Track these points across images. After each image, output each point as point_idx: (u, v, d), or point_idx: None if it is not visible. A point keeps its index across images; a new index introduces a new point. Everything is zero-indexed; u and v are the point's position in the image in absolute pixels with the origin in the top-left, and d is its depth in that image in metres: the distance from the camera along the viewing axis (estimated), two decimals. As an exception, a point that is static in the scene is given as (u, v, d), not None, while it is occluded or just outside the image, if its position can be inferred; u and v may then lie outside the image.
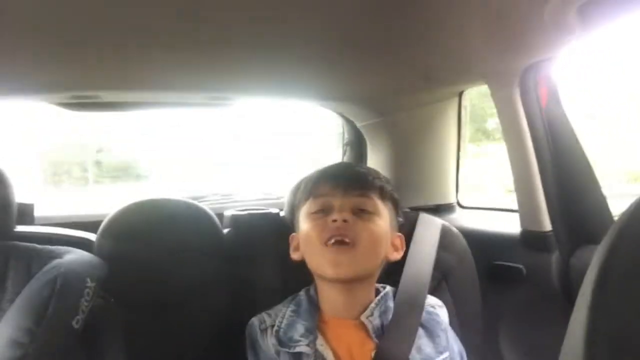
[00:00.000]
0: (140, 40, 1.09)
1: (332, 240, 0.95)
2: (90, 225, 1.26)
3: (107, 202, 1.69)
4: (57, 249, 1.00)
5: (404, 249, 1.09)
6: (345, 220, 0.95)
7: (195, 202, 1.29)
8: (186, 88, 1.49)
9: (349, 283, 0.98)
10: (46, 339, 0.85)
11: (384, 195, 1.03)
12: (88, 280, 0.92)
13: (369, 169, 1.09)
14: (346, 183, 1.00)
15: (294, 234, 1.09)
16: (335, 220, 0.96)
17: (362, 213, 0.99)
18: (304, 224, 1.02)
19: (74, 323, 0.88)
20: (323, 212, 1.00)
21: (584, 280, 0.30)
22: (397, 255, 1.06)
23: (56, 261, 0.95)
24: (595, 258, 0.30)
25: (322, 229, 0.97)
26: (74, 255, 0.98)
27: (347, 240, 0.94)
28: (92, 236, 1.21)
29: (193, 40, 1.11)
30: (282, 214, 1.32)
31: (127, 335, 0.96)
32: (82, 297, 0.90)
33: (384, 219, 1.01)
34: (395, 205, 1.08)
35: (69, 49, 1.11)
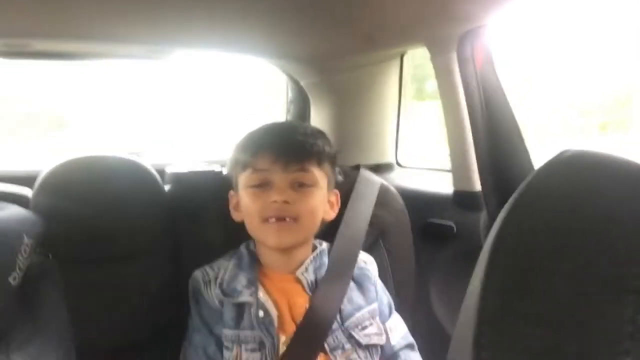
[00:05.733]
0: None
1: (273, 220, 0.99)
2: (23, 180, 1.22)
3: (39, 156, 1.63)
4: None
5: (339, 205, 1.13)
6: (285, 201, 0.98)
7: (135, 158, 1.27)
8: (123, 39, 1.43)
9: (288, 248, 1.03)
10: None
11: (322, 160, 1.05)
12: (25, 236, 0.91)
13: (308, 130, 1.08)
14: (286, 157, 1.00)
15: (232, 191, 1.10)
16: (275, 201, 0.98)
17: (301, 187, 1.01)
18: (243, 193, 1.04)
19: (10, 280, 0.87)
20: (262, 187, 1.01)
21: (486, 240, 0.34)
22: (332, 214, 1.11)
23: None
24: (496, 221, 0.33)
25: (262, 206, 1.00)
26: (9, 211, 0.96)
27: (287, 219, 0.99)
28: (26, 191, 1.18)
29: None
30: (224, 171, 1.32)
31: (69, 293, 0.96)
32: (19, 253, 0.88)
33: (322, 188, 1.05)
34: (334, 163, 1.11)
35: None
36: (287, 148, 1.02)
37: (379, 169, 1.72)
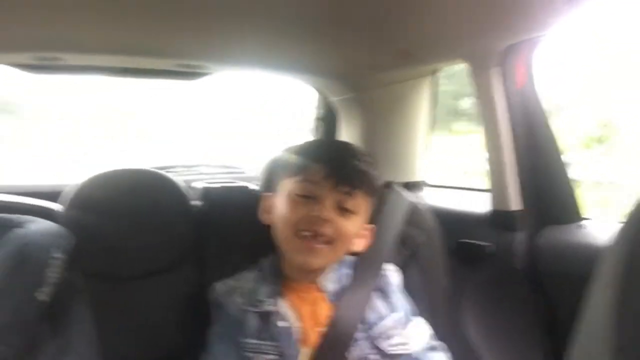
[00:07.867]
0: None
1: (307, 233, 0.95)
2: (49, 194, 1.21)
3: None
4: (17, 218, 0.95)
5: (369, 240, 1.08)
6: (326, 220, 0.95)
7: (163, 173, 1.26)
8: (156, 53, 1.43)
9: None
10: (8, 311, 0.82)
11: (371, 191, 1.02)
12: (55, 251, 0.89)
13: (364, 158, 1.04)
14: (339, 176, 0.97)
15: (267, 194, 1.07)
16: (317, 216, 0.95)
17: (344, 211, 0.98)
18: (284, 200, 1.01)
19: (37, 295, 0.85)
20: (306, 198, 0.98)
21: (605, 260, 0.30)
22: (360, 246, 1.07)
23: (18, 231, 0.90)
24: (620, 238, 0.30)
25: (300, 217, 0.96)
26: (38, 225, 0.94)
27: (321, 238, 0.96)
28: (54, 206, 1.17)
29: (166, 4, 1.06)
30: (256, 188, 1.30)
31: (94, 308, 0.93)
32: (47, 268, 0.86)
33: (361, 217, 1.02)
34: (376, 195, 1.07)
35: (29, 8, 1.04)
36: (343, 168, 0.99)
37: (409, 187, 1.69)
